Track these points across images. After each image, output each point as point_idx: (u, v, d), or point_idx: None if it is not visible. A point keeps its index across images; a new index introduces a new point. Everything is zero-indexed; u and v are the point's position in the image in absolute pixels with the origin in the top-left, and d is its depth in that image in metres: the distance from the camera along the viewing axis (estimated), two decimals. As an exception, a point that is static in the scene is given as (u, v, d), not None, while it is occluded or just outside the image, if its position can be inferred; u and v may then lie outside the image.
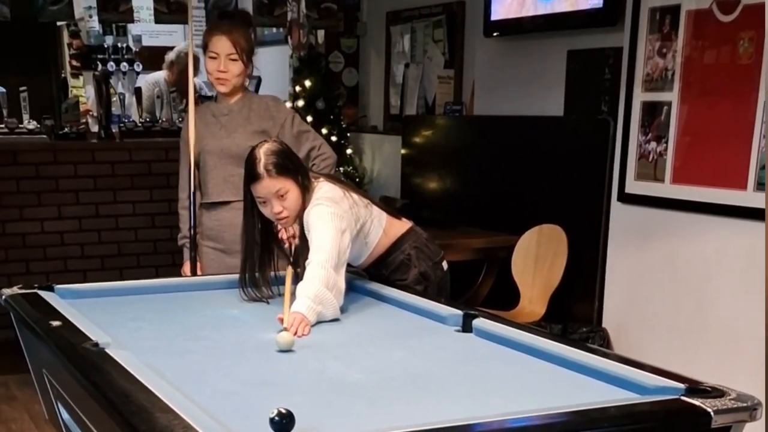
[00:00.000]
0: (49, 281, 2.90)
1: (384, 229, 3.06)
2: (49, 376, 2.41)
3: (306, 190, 2.85)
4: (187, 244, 3.60)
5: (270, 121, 3.54)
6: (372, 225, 3.01)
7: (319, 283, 2.60)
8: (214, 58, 3.48)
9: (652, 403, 1.81)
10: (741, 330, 3.52)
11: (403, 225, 3.18)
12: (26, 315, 2.53)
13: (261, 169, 2.78)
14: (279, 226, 2.96)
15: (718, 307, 3.64)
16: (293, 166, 2.85)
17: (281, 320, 2.47)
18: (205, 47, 3.53)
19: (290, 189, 2.81)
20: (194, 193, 3.57)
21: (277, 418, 1.62)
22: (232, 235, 3.41)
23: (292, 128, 3.54)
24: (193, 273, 3.54)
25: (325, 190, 2.86)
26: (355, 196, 2.96)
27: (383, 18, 6.28)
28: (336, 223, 2.76)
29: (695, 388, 1.86)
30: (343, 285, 2.70)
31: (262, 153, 2.81)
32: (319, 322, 2.55)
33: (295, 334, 2.41)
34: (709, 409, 1.74)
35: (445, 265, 3.23)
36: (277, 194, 2.79)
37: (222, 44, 3.47)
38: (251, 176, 2.81)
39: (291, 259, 2.97)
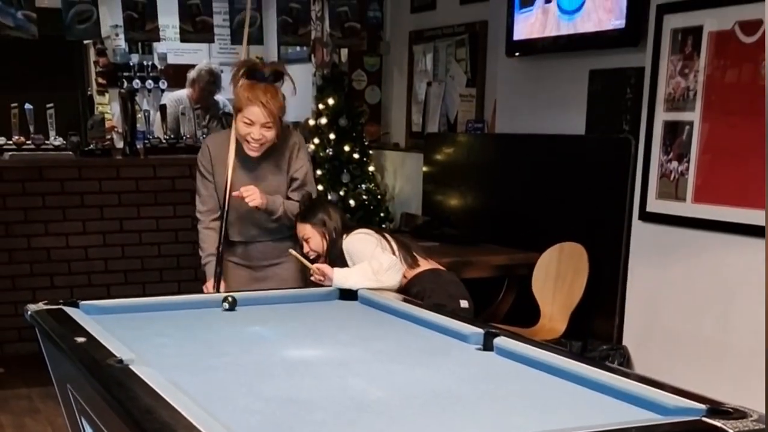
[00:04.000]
0: (73, 295, 2.95)
1: (403, 274, 3.37)
2: (73, 391, 2.43)
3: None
4: (212, 261, 3.64)
5: (294, 161, 3.67)
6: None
7: (363, 269, 3.23)
8: (249, 124, 3.46)
9: (672, 424, 1.81)
10: (762, 350, 3.49)
11: (425, 266, 3.50)
12: (51, 331, 2.55)
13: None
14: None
15: (740, 326, 3.62)
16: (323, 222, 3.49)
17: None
18: (238, 110, 3.49)
19: (313, 237, 3.48)
20: (226, 212, 3.61)
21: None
22: (258, 252, 3.69)
23: (297, 178, 3.67)
24: (217, 290, 3.58)
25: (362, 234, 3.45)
26: (386, 243, 3.43)
27: (406, 37, 6.31)
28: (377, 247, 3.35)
29: (717, 408, 1.86)
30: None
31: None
32: (338, 342, 2.57)
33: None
34: (731, 431, 1.74)
35: (463, 303, 3.42)
36: (304, 238, 3.51)
37: (258, 114, 3.43)
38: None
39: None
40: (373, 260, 3.27)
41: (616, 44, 4.28)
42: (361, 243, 3.40)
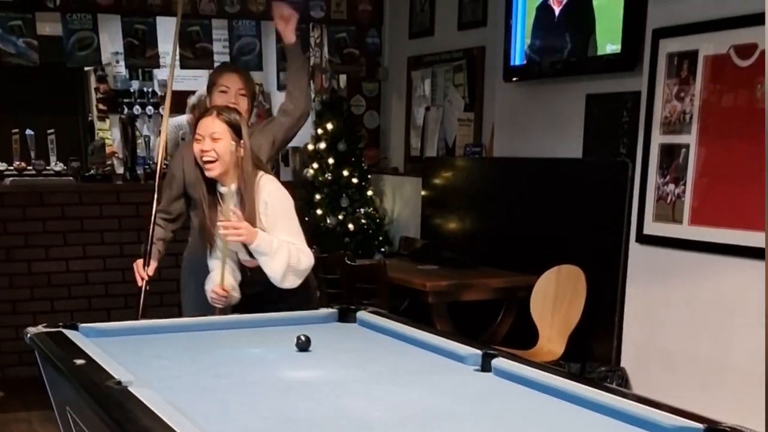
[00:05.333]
0: (74, 319, 2.94)
1: None
2: (72, 413, 2.44)
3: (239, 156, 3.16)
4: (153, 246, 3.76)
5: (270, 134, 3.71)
6: None
7: (287, 253, 3.09)
8: (225, 92, 3.58)
9: (669, 443, 1.82)
10: (759, 370, 3.50)
11: None
12: (50, 353, 2.56)
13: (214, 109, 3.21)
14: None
15: (737, 347, 3.63)
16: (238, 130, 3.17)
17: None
18: (213, 84, 3.63)
19: (224, 138, 3.11)
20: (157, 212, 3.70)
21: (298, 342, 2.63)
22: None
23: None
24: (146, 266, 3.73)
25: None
26: None
27: (404, 63, 6.36)
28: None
29: (714, 428, 1.87)
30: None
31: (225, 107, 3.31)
32: (337, 363, 2.58)
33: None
34: (727, 449, 1.75)
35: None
36: (212, 135, 3.10)
37: (233, 80, 3.60)
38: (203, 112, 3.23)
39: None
40: (294, 248, 3.12)
41: (613, 69, 4.31)
42: (290, 207, 3.23)
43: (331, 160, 6.21)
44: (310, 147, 6.43)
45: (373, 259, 5.35)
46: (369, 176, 6.46)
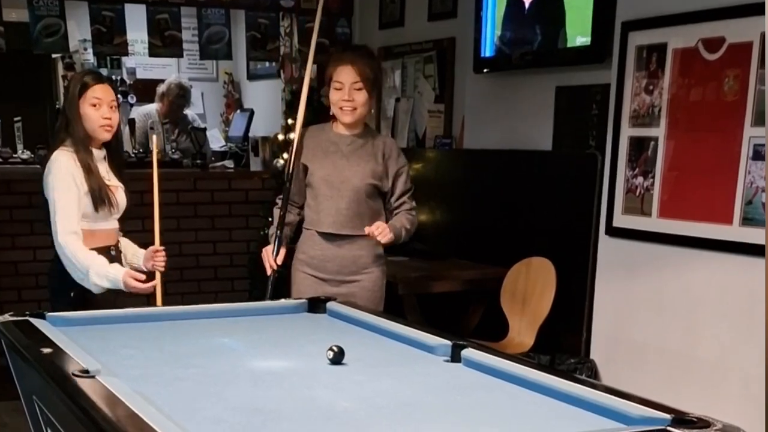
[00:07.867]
0: (41, 309, 2.91)
1: None
2: (39, 402, 2.42)
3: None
4: (272, 237, 3.69)
5: (392, 163, 3.60)
6: None
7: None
8: (339, 88, 3.47)
9: (637, 433, 1.83)
10: (726, 361, 3.55)
11: None
12: (17, 342, 2.54)
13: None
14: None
15: (704, 338, 3.67)
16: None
17: None
18: (329, 78, 3.53)
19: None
20: (287, 198, 3.70)
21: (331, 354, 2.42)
22: (335, 266, 3.57)
23: (400, 182, 3.63)
24: (276, 253, 3.62)
25: None
26: None
27: (375, 53, 6.34)
28: None
29: (681, 418, 1.88)
30: None
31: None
32: (306, 354, 2.58)
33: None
34: (694, 439, 1.77)
35: None
36: (110, 102, 3.41)
37: (347, 74, 3.46)
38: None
39: None
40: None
41: (582, 61, 4.33)
42: None
43: (301, 151, 6.17)
44: (281, 137, 6.39)
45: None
46: (339, 167, 6.42)
